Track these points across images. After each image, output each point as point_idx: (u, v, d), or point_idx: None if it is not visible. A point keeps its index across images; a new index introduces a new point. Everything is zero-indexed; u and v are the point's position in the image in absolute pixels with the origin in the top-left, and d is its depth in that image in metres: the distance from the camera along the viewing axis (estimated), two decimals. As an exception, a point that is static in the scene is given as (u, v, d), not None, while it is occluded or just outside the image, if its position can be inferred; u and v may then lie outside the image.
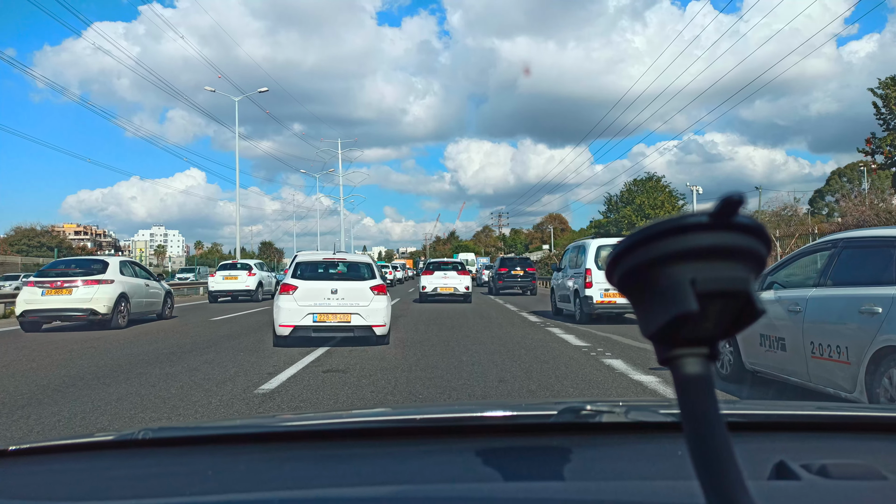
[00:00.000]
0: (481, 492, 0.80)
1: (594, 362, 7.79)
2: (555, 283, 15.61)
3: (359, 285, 9.12)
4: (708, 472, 0.40)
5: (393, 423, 1.15)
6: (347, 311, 8.91)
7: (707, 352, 0.42)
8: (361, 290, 9.04)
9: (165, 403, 5.47)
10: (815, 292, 4.98)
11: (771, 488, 0.78)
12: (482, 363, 7.61)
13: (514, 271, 27.04)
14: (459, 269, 21.44)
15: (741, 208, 0.40)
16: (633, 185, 50.95)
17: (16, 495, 0.87)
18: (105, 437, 1.09)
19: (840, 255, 4.91)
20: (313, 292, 8.96)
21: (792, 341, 5.11)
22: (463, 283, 20.77)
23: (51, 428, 4.67)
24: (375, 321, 8.94)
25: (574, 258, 14.03)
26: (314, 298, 8.92)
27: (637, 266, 0.42)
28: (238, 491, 0.85)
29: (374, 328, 8.96)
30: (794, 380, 5.18)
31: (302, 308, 8.87)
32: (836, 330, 4.65)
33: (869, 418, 1.17)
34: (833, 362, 4.61)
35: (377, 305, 9.00)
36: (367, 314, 8.92)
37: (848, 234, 5.21)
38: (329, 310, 8.90)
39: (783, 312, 5.24)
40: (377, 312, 8.98)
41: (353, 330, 8.91)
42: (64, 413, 5.10)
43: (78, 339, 10.75)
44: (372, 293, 9.05)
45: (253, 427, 1.19)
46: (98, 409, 5.24)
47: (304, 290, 8.96)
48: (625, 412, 1.08)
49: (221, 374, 6.98)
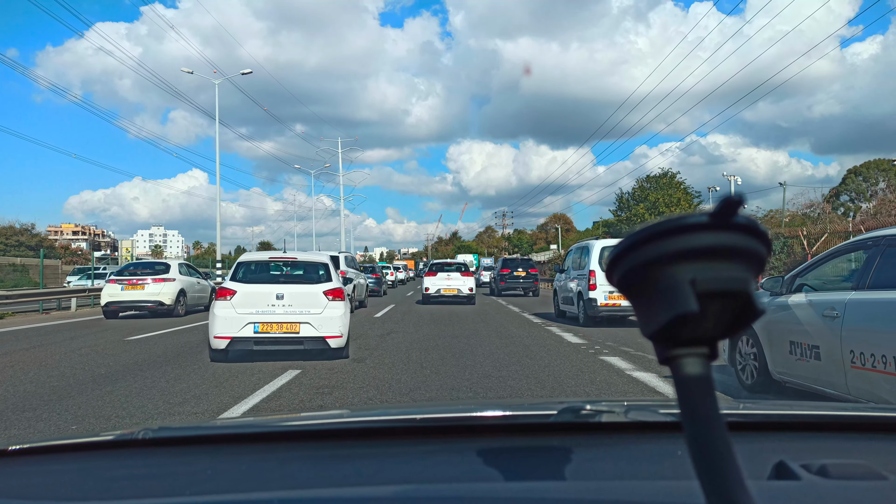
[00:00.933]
0: (481, 492, 0.80)
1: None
2: (557, 285, 15.31)
3: (310, 289, 7.94)
4: (708, 472, 0.41)
5: (393, 423, 1.15)
6: (295, 319, 7.72)
7: (707, 352, 0.43)
8: (313, 295, 7.86)
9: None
10: (854, 296, 4.58)
11: (771, 488, 0.78)
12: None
13: (517, 272, 26.76)
14: (463, 270, 21.07)
15: (741, 209, 0.40)
16: (646, 182, 48.73)
17: (16, 495, 0.87)
18: (105, 437, 1.09)
19: (883, 254, 4.50)
20: (255, 297, 7.76)
21: (828, 349, 4.72)
22: (466, 284, 20.48)
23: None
24: (330, 331, 7.74)
25: (577, 259, 13.79)
26: (256, 305, 7.72)
27: (637, 266, 0.42)
28: (238, 491, 0.85)
29: (329, 339, 7.75)
30: (829, 391, 4.81)
31: (241, 316, 7.65)
32: (881, 338, 4.26)
33: (869, 418, 1.17)
34: (878, 373, 4.25)
35: (332, 313, 7.81)
36: (319, 323, 7.72)
37: (892, 230, 4.69)
38: (273, 318, 7.70)
39: (816, 317, 4.85)
40: (332, 321, 7.77)
41: (302, 342, 7.72)
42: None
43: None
44: (326, 298, 7.86)
45: (253, 427, 1.19)
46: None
47: (243, 296, 7.76)
48: (624, 412, 1.08)
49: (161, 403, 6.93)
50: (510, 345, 9.50)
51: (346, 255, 17.37)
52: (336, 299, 7.92)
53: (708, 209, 0.41)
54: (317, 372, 7.04)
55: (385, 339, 10.36)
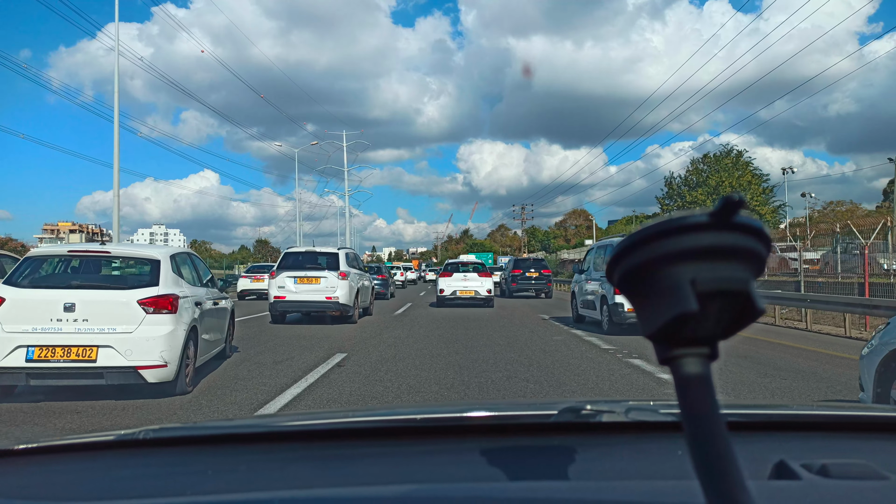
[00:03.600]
0: (481, 492, 0.80)
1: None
2: (576, 287, 14.06)
3: (116, 296, 5.53)
4: (708, 471, 0.41)
5: (393, 423, 1.15)
6: (90, 342, 5.30)
7: (707, 351, 0.43)
8: (121, 305, 5.46)
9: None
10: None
11: (771, 488, 0.78)
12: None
13: (529, 273, 25.90)
14: (480, 271, 19.80)
15: (741, 209, 0.40)
16: (702, 163, 41.91)
17: (16, 495, 0.87)
18: (105, 437, 1.09)
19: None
20: (32, 308, 5.35)
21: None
22: (485, 285, 19.28)
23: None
24: (145, 358, 5.36)
25: (600, 259, 12.66)
26: (33, 320, 5.30)
27: (637, 266, 0.42)
28: (238, 491, 0.85)
29: (143, 371, 5.35)
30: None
31: (9, 336, 5.24)
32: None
33: (869, 418, 1.17)
34: None
35: (150, 332, 5.42)
36: (127, 347, 5.33)
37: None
38: (57, 340, 5.27)
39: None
40: (149, 344, 5.39)
41: (101, 374, 5.30)
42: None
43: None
44: (141, 310, 5.46)
45: (253, 427, 1.19)
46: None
47: (14, 305, 5.35)
48: (625, 412, 1.08)
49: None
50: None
51: (347, 251, 14.68)
52: (159, 311, 5.52)
53: (708, 209, 0.41)
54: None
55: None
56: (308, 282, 13.24)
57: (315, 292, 13.18)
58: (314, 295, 13.17)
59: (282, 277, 13.29)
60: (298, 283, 13.24)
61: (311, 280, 13.24)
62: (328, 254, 14.00)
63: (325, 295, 13.12)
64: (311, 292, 13.19)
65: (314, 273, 13.34)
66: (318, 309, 13.32)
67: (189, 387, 5.90)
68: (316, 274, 13.30)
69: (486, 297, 19.28)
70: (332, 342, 9.80)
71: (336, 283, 13.18)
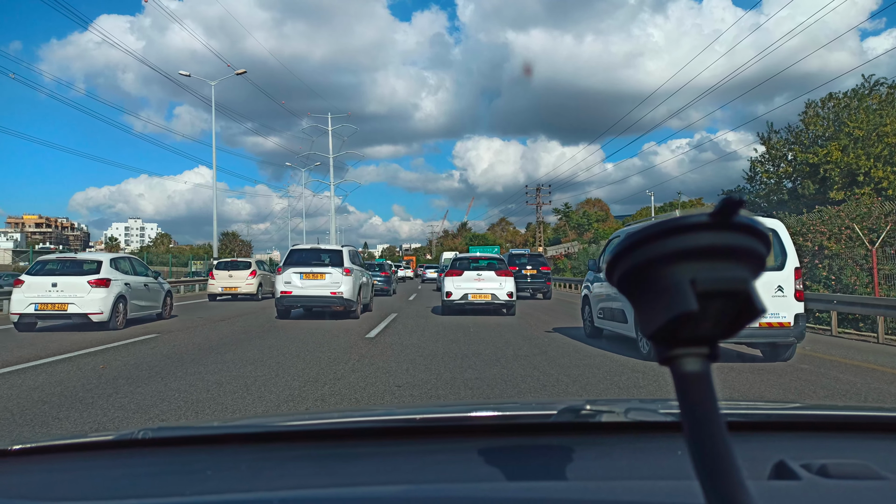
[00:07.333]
0: (481, 492, 0.80)
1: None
2: (589, 290, 10.44)
3: (78, 280, 11.51)
4: (708, 471, 0.41)
5: (393, 423, 1.15)
6: (64, 300, 11.35)
7: (707, 351, 0.43)
8: (80, 283, 11.43)
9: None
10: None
11: (771, 488, 0.78)
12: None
13: (525, 270, 22.67)
14: (498, 268, 15.25)
15: (741, 209, 0.40)
16: (830, 102, 26.20)
17: (16, 495, 0.87)
18: (105, 437, 1.09)
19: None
20: (37, 285, 11.45)
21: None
22: (505, 287, 14.78)
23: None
24: (90, 309, 11.29)
25: None
26: (37, 290, 11.40)
27: (637, 266, 0.42)
28: (238, 491, 0.85)
29: (91, 316, 11.24)
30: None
31: (27, 297, 11.37)
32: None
33: (869, 418, 1.17)
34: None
35: (94, 296, 11.32)
36: (83, 304, 11.28)
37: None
38: (49, 300, 11.38)
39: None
40: (94, 303, 11.30)
41: (70, 317, 11.41)
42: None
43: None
44: (89, 286, 11.39)
45: (253, 427, 1.19)
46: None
47: (29, 284, 11.48)
48: (624, 412, 1.08)
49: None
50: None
51: (350, 248, 14.83)
52: (99, 286, 11.76)
53: (708, 209, 0.41)
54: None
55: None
56: (314, 277, 13.71)
57: (321, 287, 13.59)
58: (320, 290, 13.58)
59: (288, 273, 13.79)
60: (305, 279, 13.71)
61: (317, 276, 13.72)
62: (332, 251, 14.54)
63: (330, 290, 13.52)
64: (316, 287, 13.61)
65: (320, 269, 13.76)
66: (324, 304, 13.65)
67: (120, 326, 11.63)
68: (321, 270, 13.74)
69: (507, 301, 14.75)
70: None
71: (340, 279, 13.62)
